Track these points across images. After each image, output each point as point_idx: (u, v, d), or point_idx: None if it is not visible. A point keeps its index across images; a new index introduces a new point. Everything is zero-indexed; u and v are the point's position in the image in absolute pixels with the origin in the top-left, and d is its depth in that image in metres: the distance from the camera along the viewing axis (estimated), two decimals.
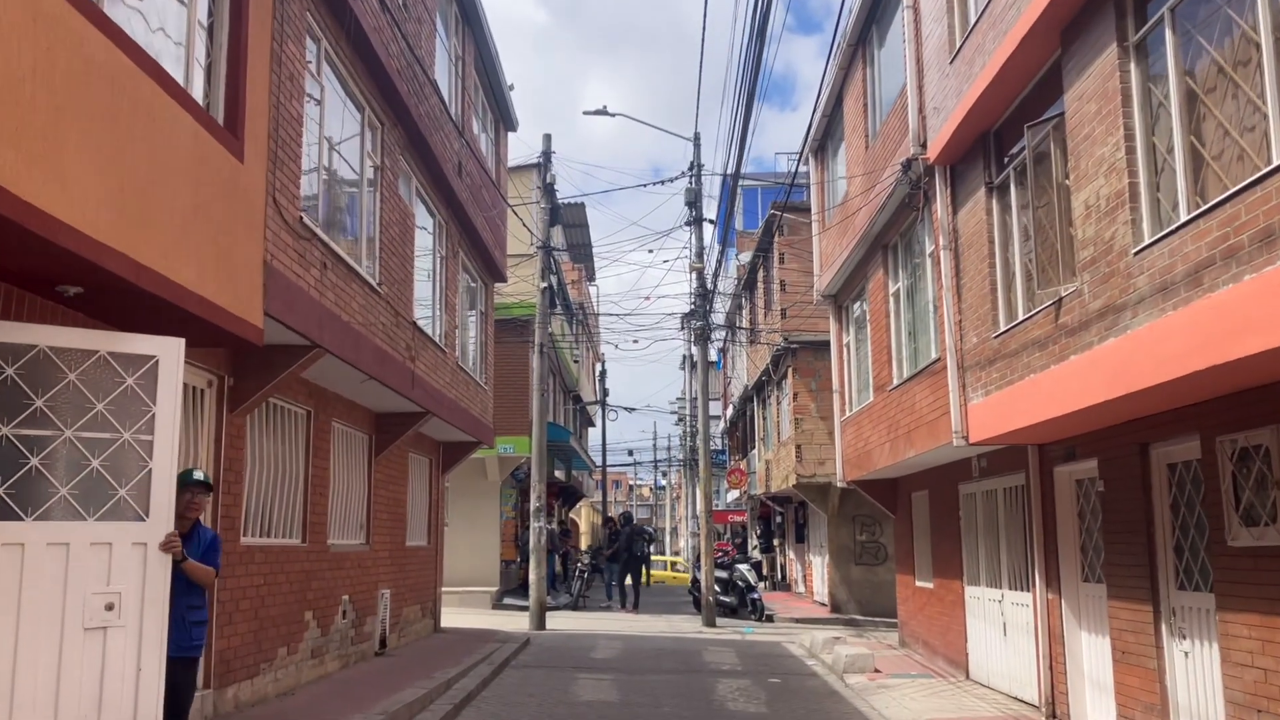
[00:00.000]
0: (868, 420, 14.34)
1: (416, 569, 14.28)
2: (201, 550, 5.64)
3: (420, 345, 11.73)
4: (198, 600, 5.64)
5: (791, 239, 22.03)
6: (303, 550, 9.72)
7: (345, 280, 8.96)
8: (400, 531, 13.34)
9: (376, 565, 12.18)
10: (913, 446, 11.82)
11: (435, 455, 15.44)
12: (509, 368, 21.88)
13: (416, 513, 14.48)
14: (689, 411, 43.60)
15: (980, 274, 9.55)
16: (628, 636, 17.19)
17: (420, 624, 14.53)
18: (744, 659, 14.57)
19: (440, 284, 13.22)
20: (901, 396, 12.37)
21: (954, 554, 12.58)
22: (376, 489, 12.23)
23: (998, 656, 11.11)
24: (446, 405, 13.05)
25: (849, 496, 21.62)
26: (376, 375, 9.79)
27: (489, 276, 16.52)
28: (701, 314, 19.61)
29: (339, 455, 10.95)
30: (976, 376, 9.65)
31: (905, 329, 12.68)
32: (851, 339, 15.92)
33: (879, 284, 13.52)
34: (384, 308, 10.19)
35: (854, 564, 21.74)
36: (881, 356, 13.46)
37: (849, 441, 15.71)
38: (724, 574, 21.57)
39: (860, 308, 15.33)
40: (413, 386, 11.16)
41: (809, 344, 21.58)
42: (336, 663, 10.70)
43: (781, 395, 24.14)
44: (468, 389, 14.84)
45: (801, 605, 23.44)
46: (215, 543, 5.81)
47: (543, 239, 18.23)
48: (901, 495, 15.26)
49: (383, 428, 12.12)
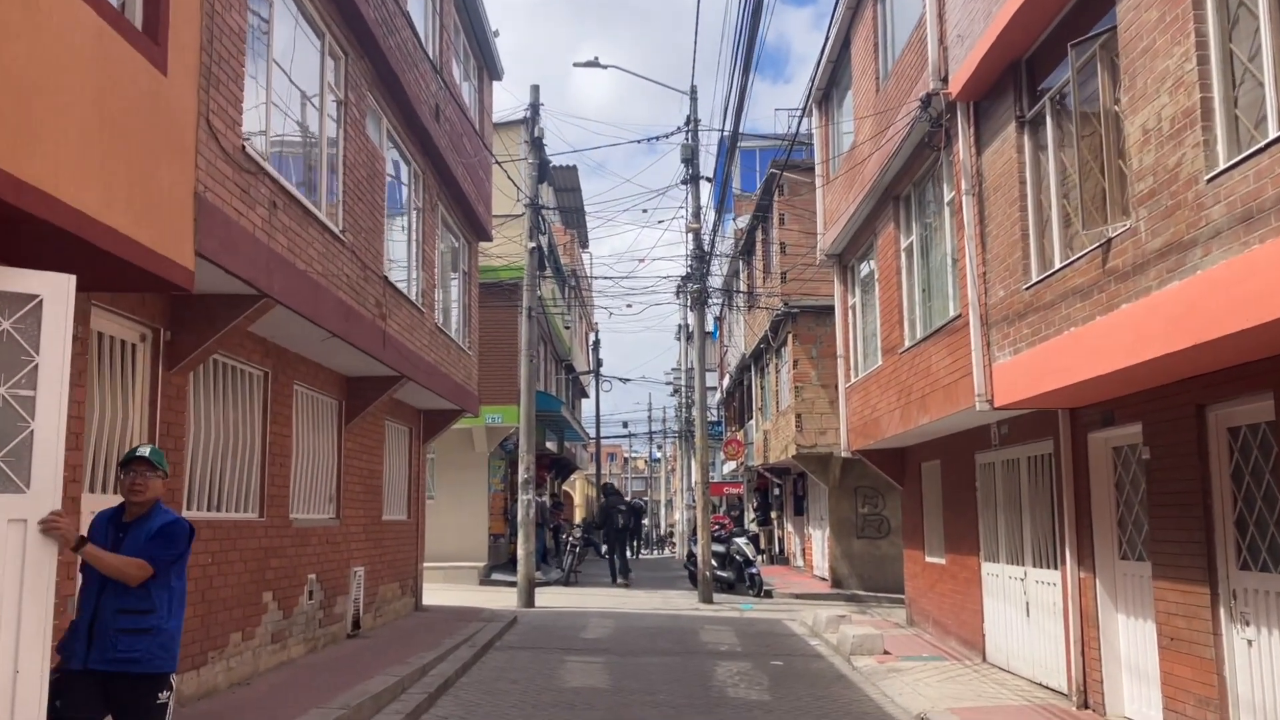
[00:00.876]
0: (875, 386, 13.45)
1: (395, 544, 13.40)
2: (143, 539, 4.44)
3: (393, 303, 10.79)
4: (134, 602, 4.36)
5: (792, 199, 21.05)
6: (260, 525, 8.82)
7: (301, 224, 8.00)
8: (376, 505, 12.46)
9: (348, 541, 11.30)
10: (927, 413, 10.93)
11: (415, 424, 14.53)
12: (497, 334, 20.94)
13: (395, 485, 13.59)
14: (684, 382, 42.71)
15: (1009, 220, 8.61)
16: (620, 614, 16.38)
17: (399, 603, 13.68)
18: (743, 639, 13.75)
19: (416, 238, 12.26)
20: (914, 359, 11.46)
21: (969, 528, 11.73)
22: (348, 459, 11.33)
23: (1019, 639, 10.28)
24: (424, 369, 12.12)
25: (851, 467, 20.78)
26: (340, 333, 8.86)
27: (472, 234, 15.53)
28: (699, 276, 18.65)
29: (303, 422, 10.04)
30: (1003, 334, 8.74)
31: (919, 286, 11.76)
32: (857, 301, 15.00)
33: (889, 239, 12.58)
34: (349, 259, 9.24)
35: (856, 537, 20.94)
36: (891, 317, 12.54)
37: (854, 409, 14.82)
38: (721, 548, 20.74)
39: (867, 266, 14.39)
40: (384, 347, 10.23)
41: (810, 309, 20.65)
42: (302, 647, 9.83)
43: (780, 363, 23.24)
44: (449, 353, 13.91)
45: (801, 580, 22.67)
46: (167, 531, 4.48)
47: (531, 196, 17.23)
48: (910, 466, 14.40)
49: (354, 393, 11.20)
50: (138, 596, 4.38)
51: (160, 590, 4.44)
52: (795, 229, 20.64)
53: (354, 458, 11.53)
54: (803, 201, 20.90)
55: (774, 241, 21.28)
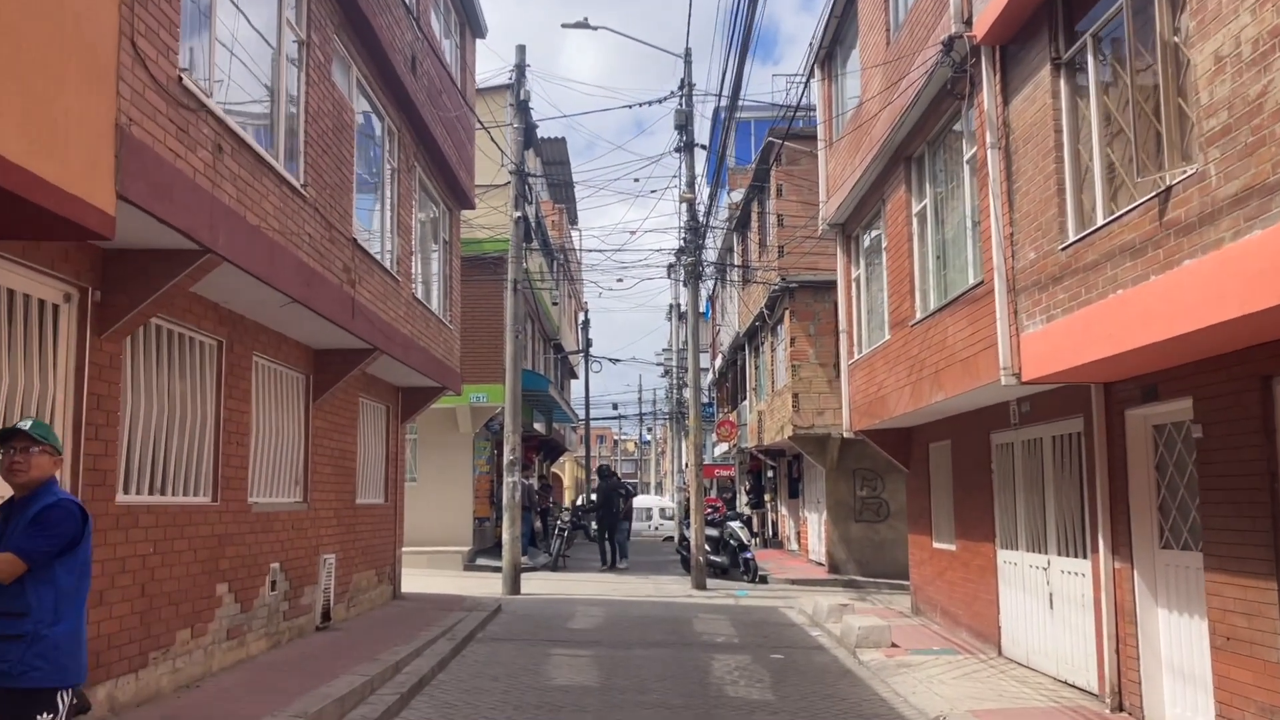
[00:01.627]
0: (882, 362, 12.65)
1: (370, 530, 12.58)
2: (20, 527, 3.66)
3: (364, 269, 9.93)
4: (5, 603, 3.59)
5: (791, 170, 20.20)
6: (213, 510, 7.98)
7: (254, 173, 7.12)
8: (349, 487, 11.62)
9: (317, 526, 10.47)
10: (941, 389, 10.14)
11: (393, 402, 13.68)
12: (482, 310, 20.08)
13: (370, 466, 12.75)
14: (675, 363, 41.89)
15: (1042, 174, 7.79)
16: (610, 601, 15.61)
17: (375, 591, 12.87)
18: (740, 629, 12.99)
19: (391, 200, 11.38)
20: (927, 332, 10.66)
21: (984, 513, 10.97)
22: (317, 438, 10.49)
23: (1040, 633, 9.53)
24: (400, 342, 11.27)
25: (849, 449, 20.04)
26: (302, 298, 8.00)
27: (454, 201, 14.64)
28: (693, 249, 17.80)
29: (265, 397, 9.18)
30: (1034, 300, 7.93)
31: (932, 254, 10.95)
32: (862, 272, 14.18)
33: (899, 204, 11.75)
34: (311, 216, 8.37)
35: (854, 521, 20.21)
36: (901, 288, 11.73)
37: (857, 387, 14.03)
38: (714, 532, 19.98)
39: (874, 235, 13.57)
40: (353, 317, 9.37)
41: (808, 284, 19.85)
42: (263, 642, 9.01)
43: (776, 341, 22.44)
44: (428, 327, 13.05)
45: (796, 564, 21.95)
46: (42, 517, 3.67)
47: (516, 162, 16.33)
48: (916, 446, 13.63)
49: (323, 366, 10.34)
50: (10, 596, 3.55)
51: (40, 588, 3.59)
52: (794, 200, 19.81)
53: (323, 437, 10.69)
54: (802, 171, 20.06)
55: (771, 213, 20.43)
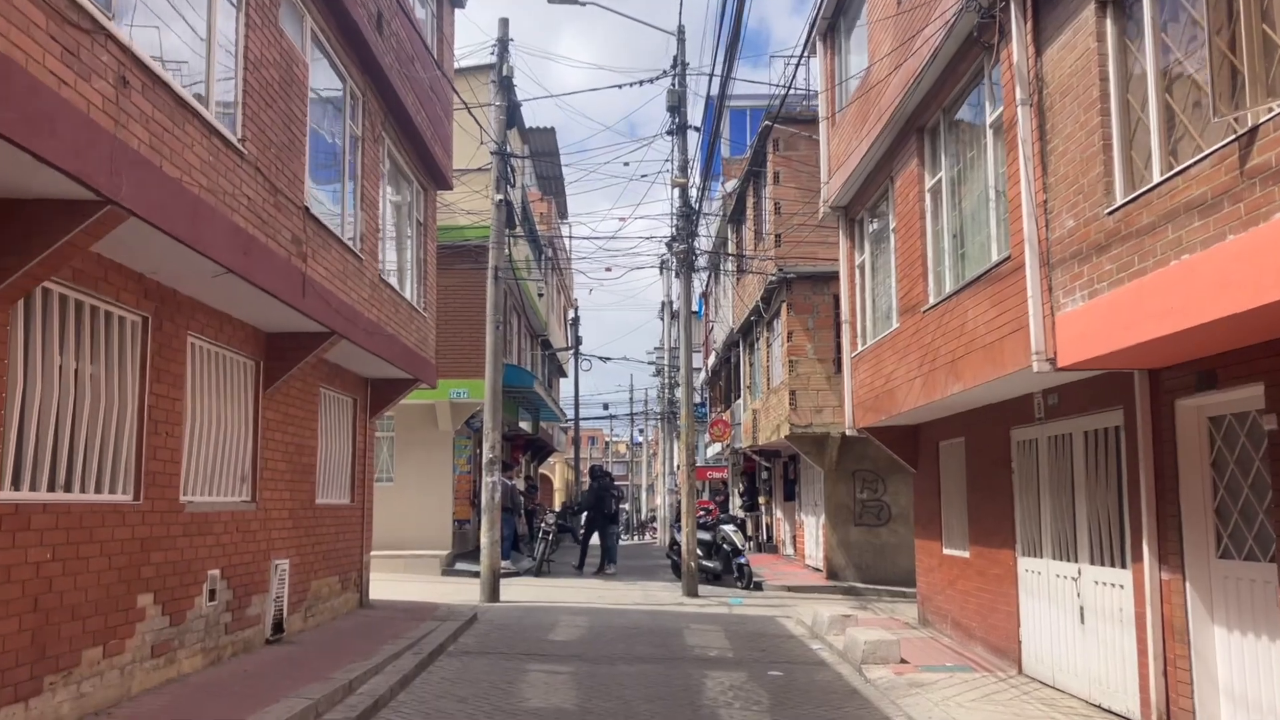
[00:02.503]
0: (890, 353, 11.69)
1: (333, 532, 11.57)
2: None
3: (318, 242, 8.93)
4: None
5: (788, 155, 19.25)
6: (134, 511, 6.97)
7: (174, 117, 6.12)
8: (307, 486, 10.61)
9: (268, 529, 9.46)
10: (959, 379, 9.18)
11: (361, 394, 12.66)
12: (463, 301, 19.09)
13: (334, 463, 11.74)
14: (667, 361, 40.90)
15: (1084, 129, 6.83)
16: (595, 610, 14.61)
17: (339, 599, 11.85)
18: (735, 641, 12.00)
19: (354, 170, 10.38)
20: (942, 318, 9.70)
21: (1002, 516, 10.02)
22: (269, 431, 9.48)
23: (1070, 649, 8.57)
24: (363, 327, 10.27)
25: (849, 449, 19.08)
26: (239, 269, 7.00)
27: (429, 180, 13.64)
28: (685, 236, 16.82)
29: (204, 383, 8.18)
30: (1072, 274, 6.97)
31: (948, 232, 9.99)
32: (867, 257, 13.21)
33: (911, 179, 10.79)
34: (251, 177, 7.36)
35: (853, 525, 19.24)
36: (913, 270, 10.77)
37: (862, 381, 13.07)
38: (707, 535, 19.01)
39: (881, 216, 12.61)
40: (304, 295, 8.37)
41: (807, 275, 18.89)
42: (199, 659, 7.99)
43: (773, 336, 21.48)
44: (398, 312, 12.04)
45: (792, 570, 20.97)
46: None
47: (499, 142, 15.34)
48: (925, 445, 12.67)
49: (275, 352, 9.34)
50: None
51: None
52: (791, 187, 18.85)
53: (277, 430, 9.68)
54: (800, 157, 19.13)
55: (768, 197, 19.46)
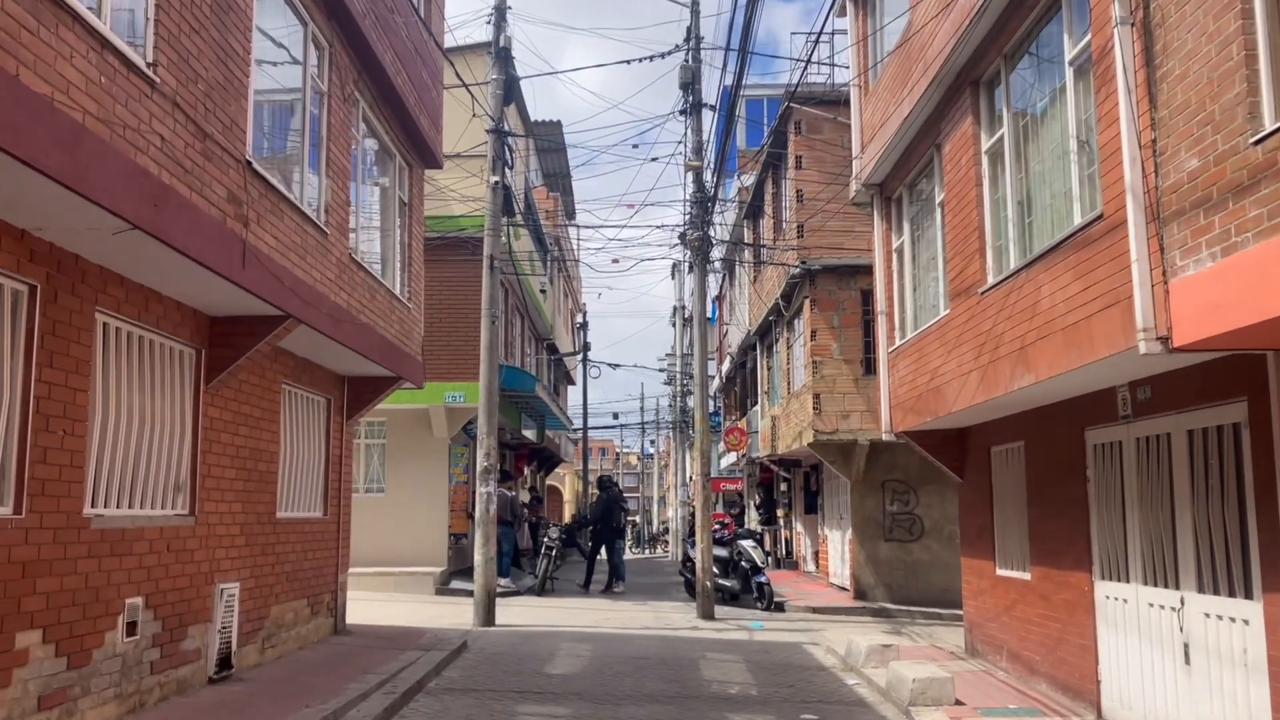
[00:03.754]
0: (936, 345, 10.22)
1: (299, 550, 10.14)
2: None
3: (266, 207, 7.52)
4: None
5: (811, 139, 17.81)
6: (14, 527, 5.55)
7: (38, 16, 4.71)
8: (266, 497, 9.19)
9: (210, 547, 8.03)
10: (1030, 370, 7.70)
11: (336, 393, 11.25)
12: (459, 297, 17.69)
13: (302, 471, 10.32)
14: (680, 368, 39.42)
15: (1216, 38, 5.35)
16: (601, 636, 13.12)
17: (307, 626, 10.41)
18: (758, 674, 10.51)
19: (318, 130, 8.98)
20: (1006, 298, 8.23)
21: (1073, 533, 8.53)
22: (214, 433, 8.06)
23: (1169, 696, 7.06)
24: (328, 312, 8.85)
25: (877, 457, 17.59)
26: (147, 224, 5.60)
27: (414, 155, 12.23)
28: (700, 223, 15.39)
29: (120, 372, 6.77)
30: (1197, 228, 5.49)
31: (1011, 198, 8.51)
32: (906, 240, 11.75)
33: (963, 142, 9.34)
34: (167, 113, 5.96)
35: (883, 540, 17.71)
36: (966, 247, 9.31)
37: (901, 379, 11.59)
38: (723, 552, 17.51)
39: (924, 191, 11.15)
40: (244, 265, 6.95)
41: (831, 269, 17.42)
42: (112, 708, 6.55)
43: (793, 337, 20.00)
44: (375, 300, 10.63)
45: (816, 589, 19.44)
46: None
47: (495, 119, 13.94)
48: (974, 451, 11.19)
49: (220, 339, 7.93)
50: None
51: None
52: (814, 173, 17.40)
53: (224, 431, 8.26)
54: (824, 141, 17.70)
55: (788, 184, 18.00)
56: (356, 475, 18.07)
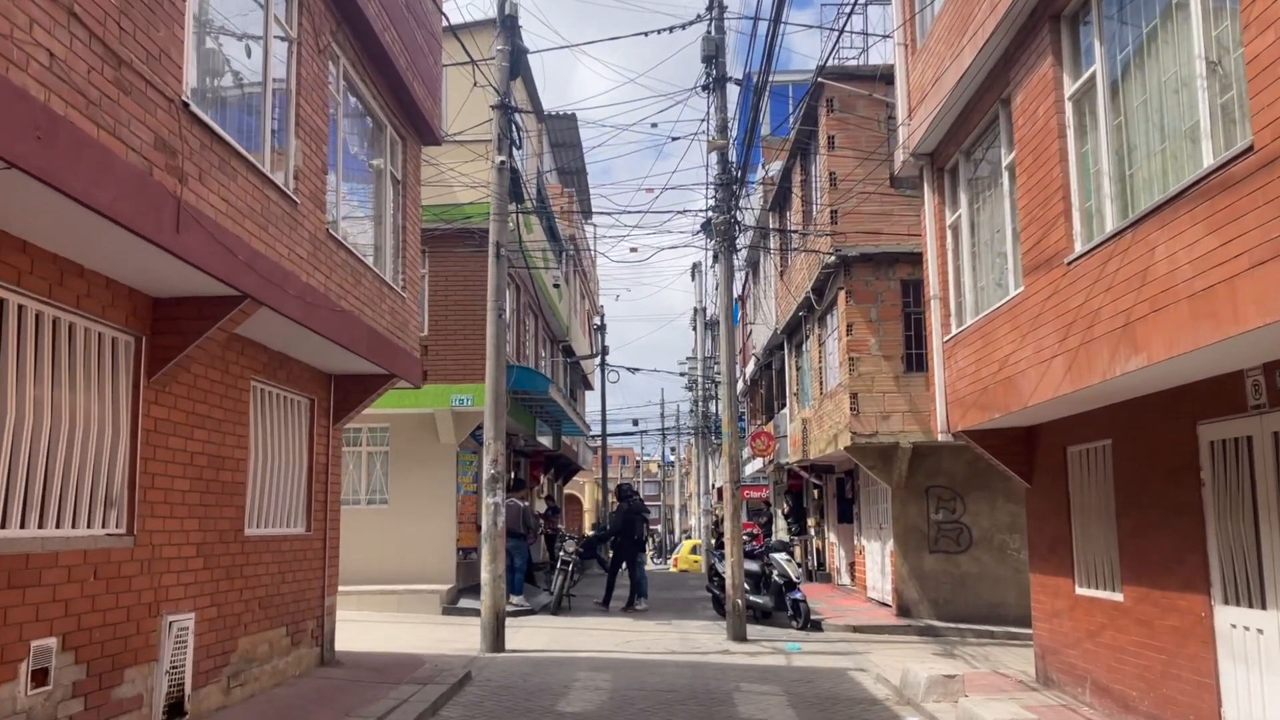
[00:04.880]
0: (1006, 329, 8.84)
1: (275, 572, 8.85)
2: None
3: (213, 162, 6.24)
4: None
5: (844, 117, 16.46)
6: None
7: None
8: (230, 511, 7.91)
9: (154, 572, 6.75)
10: (1140, 350, 6.33)
11: (321, 393, 9.98)
12: (466, 293, 16.44)
13: (279, 481, 9.05)
14: (701, 372, 38.11)
15: None
16: (622, 663, 11.77)
17: (287, 658, 9.11)
18: (803, 712, 9.12)
19: (287, 83, 7.70)
20: (1104, 267, 6.86)
21: (1184, 546, 7.14)
22: (159, 435, 6.80)
23: None
24: (298, 294, 7.57)
25: (920, 462, 16.19)
26: (26, 163, 4.33)
27: (408, 127, 10.95)
28: (724, 206, 14.05)
29: (27, 361, 5.50)
30: None
31: (1106, 149, 7.13)
32: (963, 213, 10.38)
33: (1041, 89, 7.97)
34: (55, 21, 4.69)
35: (928, 551, 16.30)
36: (1047, 211, 7.93)
37: (960, 371, 10.22)
38: (754, 565, 16.13)
39: (986, 155, 9.79)
40: (178, 229, 5.67)
41: (868, 257, 16.06)
42: None
43: (826, 333, 18.63)
44: (361, 286, 9.35)
45: (853, 604, 18.02)
46: None
47: (501, 94, 12.67)
48: (1044, 451, 9.80)
49: (165, 324, 6.67)
50: None
51: None
52: (848, 152, 16.05)
53: (174, 434, 6.99)
54: (858, 121, 16.35)
55: (820, 167, 16.63)
56: (357, 485, 16.82)
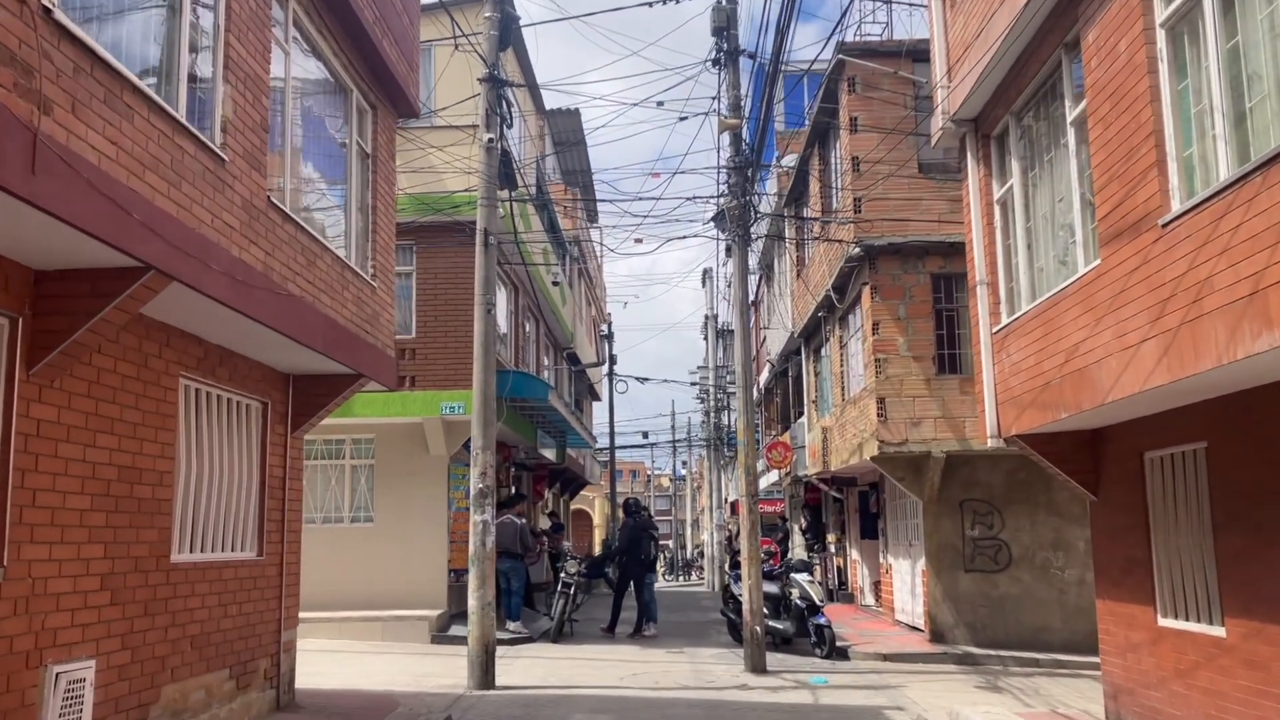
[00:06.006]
0: (1076, 311, 7.48)
1: (215, 604, 7.52)
2: None
3: (92, 91, 4.95)
4: None
5: (867, 98, 15.13)
6: None
7: None
8: (150, 534, 6.58)
9: (33, 612, 5.43)
10: (1273, 325, 4.96)
11: (276, 395, 8.66)
12: (457, 292, 15.14)
13: (220, 498, 7.73)
14: (713, 381, 36.72)
15: None
16: (627, 703, 10.38)
17: (231, 706, 7.77)
18: None
19: (215, 16, 6.42)
20: (1215, 226, 5.50)
21: None
22: (43, 440, 5.49)
23: None
24: (225, 268, 6.25)
25: (954, 473, 14.79)
26: None
27: (379, 93, 9.65)
28: (739, 190, 12.73)
29: None
30: None
31: (1217, 78, 5.77)
32: (1015, 185, 9.03)
33: (1123, 18, 6.62)
34: None
35: (963, 570, 14.86)
36: (1131, 166, 6.58)
37: (1014, 365, 8.85)
38: (774, 587, 14.72)
39: (1043, 114, 8.44)
40: (33, 169, 4.37)
41: (895, 249, 14.70)
42: None
43: (848, 334, 17.26)
44: (315, 268, 8.04)
45: (881, 628, 16.58)
46: None
47: (489, 65, 11.40)
48: (1115, 457, 8.41)
49: (49, 303, 5.38)
50: None
51: None
52: (872, 133, 14.72)
53: (66, 439, 5.68)
54: (883, 100, 15.02)
55: (841, 152, 15.29)
56: (340, 501, 15.51)
